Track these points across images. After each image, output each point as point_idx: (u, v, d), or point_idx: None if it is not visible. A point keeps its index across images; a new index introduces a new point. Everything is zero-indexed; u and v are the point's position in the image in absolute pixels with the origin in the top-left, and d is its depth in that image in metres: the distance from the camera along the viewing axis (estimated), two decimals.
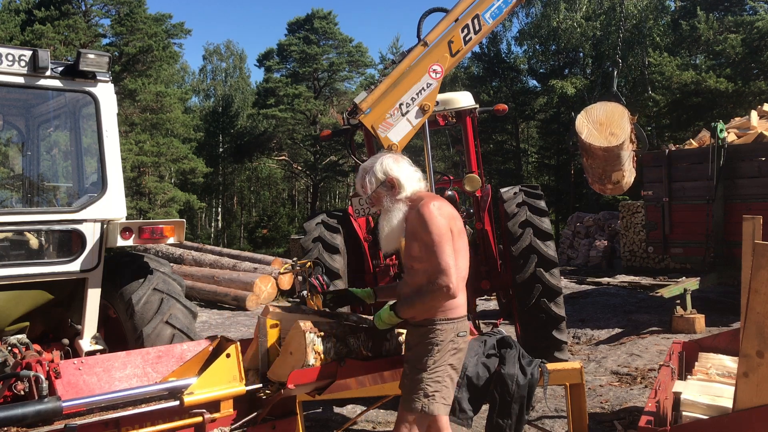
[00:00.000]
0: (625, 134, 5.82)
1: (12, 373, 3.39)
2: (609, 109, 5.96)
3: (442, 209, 3.11)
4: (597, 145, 5.80)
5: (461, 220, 3.25)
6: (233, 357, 3.15)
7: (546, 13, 30.37)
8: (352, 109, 4.66)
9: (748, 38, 23.29)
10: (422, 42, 4.60)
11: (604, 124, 5.87)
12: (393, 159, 3.27)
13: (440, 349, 3.09)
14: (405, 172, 3.23)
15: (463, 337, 3.17)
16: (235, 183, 45.01)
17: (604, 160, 5.96)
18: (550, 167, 35.41)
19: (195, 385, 3.03)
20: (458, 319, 3.16)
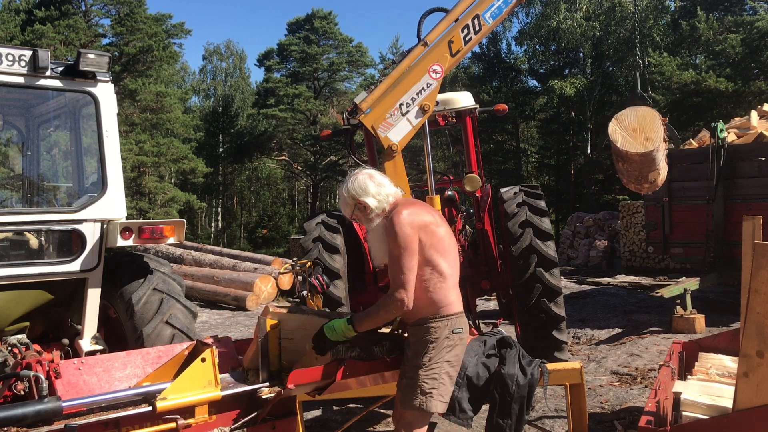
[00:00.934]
0: (659, 137, 5.89)
1: (12, 373, 3.39)
2: (639, 114, 6.01)
3: (412, 217, 3.13)
4: (634, 152, 5.85)
5: (443, 225, 3.27)
6: (208, 361, 3.10)
7: (546, 13, 30.39)
8: (352, 109, 4.66)
9: (748, 38, 23.30)
10: (422, 42, 4.60)
11: (637, 130, 5.92)
12: (357, 181, 3.28)
13: (435, 346, 3.13)
14: (372, 192, 3.24)
15: (458, 334, 3.19)
16: (235, 183, 45.02)
17: (641, 163, 6.03)
18: (550, 167, 35.42)
19: (168, 390, 2.97)
20: (452, 315, 3.19)
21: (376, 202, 3.24)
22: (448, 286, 3.18)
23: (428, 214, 3.24)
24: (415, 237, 3.10)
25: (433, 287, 3.15)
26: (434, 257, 3.14)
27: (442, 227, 3.24)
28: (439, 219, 3.28)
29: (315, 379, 3.23)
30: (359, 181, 3.28)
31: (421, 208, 3.28)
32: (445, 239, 3.21)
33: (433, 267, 3.14)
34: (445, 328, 3.15)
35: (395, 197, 3.30)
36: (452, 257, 3.24)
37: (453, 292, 3.22)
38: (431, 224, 3.18)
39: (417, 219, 3.14)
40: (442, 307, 3.16)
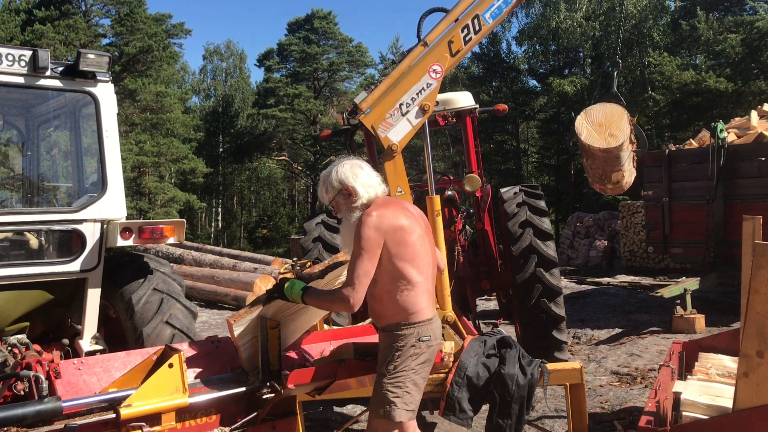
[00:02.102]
0: (624, 135, 5.84)
1: (12, 373, 3.39)
2: (608, 110, 5.97)
3: (382, 220, 3.05)
4: (596, 147, 5.81)
5: (419, 229, 3.18)
6: (176, 367, 3.04)
7: (546, 13, 30.40)
8: (352, 109, 4.66)
9: (748, 38, 23.30)
10: (422, 42, 4.59)
11: (603, 125, 5.89)
12: (349, 167, 3.22)
13: (401, 354, 3.06)
14: (361, 180, 3.19)
15: (426, 341, 3.10)
16: (235, 183, 45.02)
17: (604, 161, 5.98)
18: (550, 167, 35.42)
19: (133, 397, 2.92)
20: (420, 323, 3.10)
21: (364, 191, 3.18)
22: (417, 293, 3.10)
23: (404, 216, 3.14)
24: (379, 241, 3.02)
25: (400, 294, 3.08)
26: (401, 264, 3.06)
27: (415, 233, 3.13)
28: (415, 223, 3.18)
29: (315, 379, 3.23)
30: (351, 167, 3.22)
31: (397, 210, 3.16)
32: (416, 245, 3.11)
33: (401, 274, 3.06)
34: (411, 336, 3.07)
35: (379, 194, 3.24)
36: (424, 263, 3.16)
37: (423, 298, 3.13)
38: (403, 229, 3.09)
39: (386, 222, 3.05)
40: (410, 314, 3.08)
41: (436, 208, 4.71)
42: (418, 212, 3.32)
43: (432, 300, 3.22)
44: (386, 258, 3.05)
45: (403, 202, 3.35)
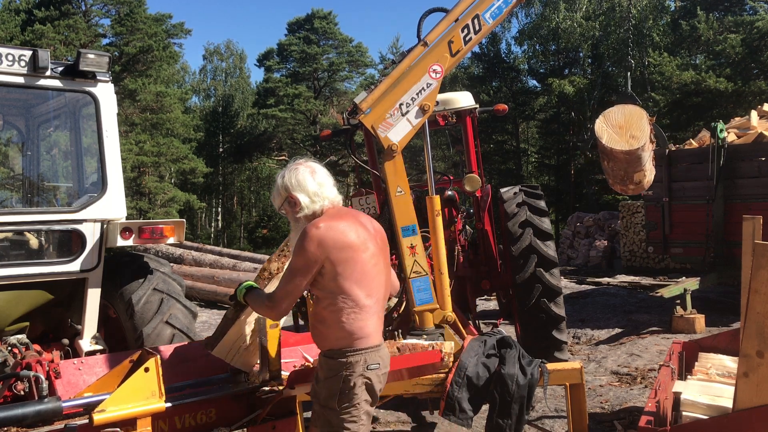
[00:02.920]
0: (645, 136, 5.86)
1: (12, 373, 3.40)
2: (627, 111, 5.99)
3: (327, 233, 2.80)
4: (618, 149, 5.83)
5: (373, 246, 2.93)
6: (152, 371, 2.99)
7: (546, 14, 30.40)
8: (352, 109, 4.66)
9: (748, 38, 23.30)
10: (422, 42, 4.59)
11: (623, 128, 5.89)
12: (296, 173, 2.98)
13: (349, 387, 2.79)
14: (307, 188, 2.95)
15: (374, 370, 2.83)
16: (235, 183, 45.02)
17: (626, 162, 6.00)
18: (550, 167, 35.42)
19: (107, 402, 2.86)
20: (367, 349, 2.83)
21: (309, 201, 2.94)
22: (364, 317, 2.83)
23: (355, 232, 2.87)
24: (319, 257, 2.77)
25: (346, 317, 2.80)
26: (348, 284, 2.80)
27: (367, 251, 2.88)
28: (368, 240, 2.91)
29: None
30: (298, 174, 2.98)
31: (350, 224, 2.89)
32: (366, 264, 2.86)
33: (346, 295, 2.80)
34: (358, 364, 2.79)
35: (333, 203, 2.98)
36: (375, 285, 2.90)
37: (371, 322, 2.86)
38: (352, 246, 2.83)
39: (333, 237, 2.80)
40: (357, 339, 2.81)
41: (436, 208, 4.71)
42: (376, 228, 3.04)
43: (381, 325, 2.95)
44: (330, 276, 2.80)
45: (360, 216, 3.05)
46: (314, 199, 2.95)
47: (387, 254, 3.09)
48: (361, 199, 6.33)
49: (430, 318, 4.55)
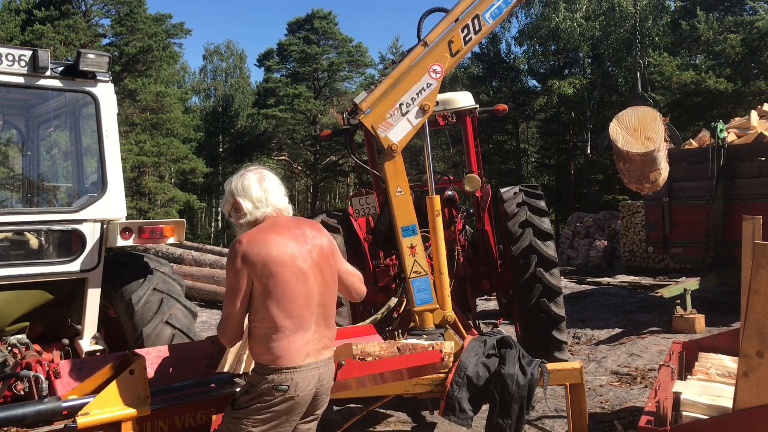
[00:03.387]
0: (660, 137, 5.88)
1: (12, 373, 3.40)
2: (640, 113, 6.00)
3: (251, 248, 2.71)
4: (635, 152, 5.84)
5: (306, 259, 2.79)
6: (137, 374, 2.95)
7: (545, 14, 30.40)
8: (352, 109, 4.66)
9: (748, 38, 23.30)
10: (422, 42, 4.60)
11: (638, 130, 5.90)
12: (243, 179, 2.90)
13: (251, 397, 2.72)
14: (251, 194, 2.86)
15: (282, 391, 2.67)
16: None
17: (642, 163, 6.02)
18: (550, 167, 35.43)
19: (91, 405, 2.83)
20: (279, 370, 2.68)
21: (252, 207, 2.86)
22: (281, 337, 2.69)
23: (277, 248, 2.73)
24: (243, 272, 2.70)
25: (265, 334, 2.71)
26: (268, 302, 2.71)
27: (292, 267, 2.73)
28: (296, 256, 2.76)
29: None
30: (245, 180, 2.89)
31: (279, 237, 2.77)
32: (289, 282, 2.71)
33: (266, 312, 2.71)
34: (265, 383, 2.69)
35: (278, 210, 2.89)
36: (298, 305, 2.74)
37: (287, 342, 2.70)
38: (274, 262, 2.70)
39: (254, 252, 2.70)
40: (271, 357, 2.70)
41: (436, 208, 4.71)
42: (316, 243, 2.87)
43: (309, 347, 2.76)
44: (258, 292, 2.72)
45: (297, 228, 2.88)
46: (257, 205, 2.86)
47: (328, 267, 2.89)
48: (361, 199, 6.33)
49: (430, 318, 4.55)
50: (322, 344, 2.83)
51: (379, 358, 3.51)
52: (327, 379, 2.86)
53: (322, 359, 2.82)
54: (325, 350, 2.85)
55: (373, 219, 6.50)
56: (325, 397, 2.90)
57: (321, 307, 2.84)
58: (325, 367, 2.83)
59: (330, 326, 2.90)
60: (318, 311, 2.82)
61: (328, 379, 2.88)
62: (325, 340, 2.86)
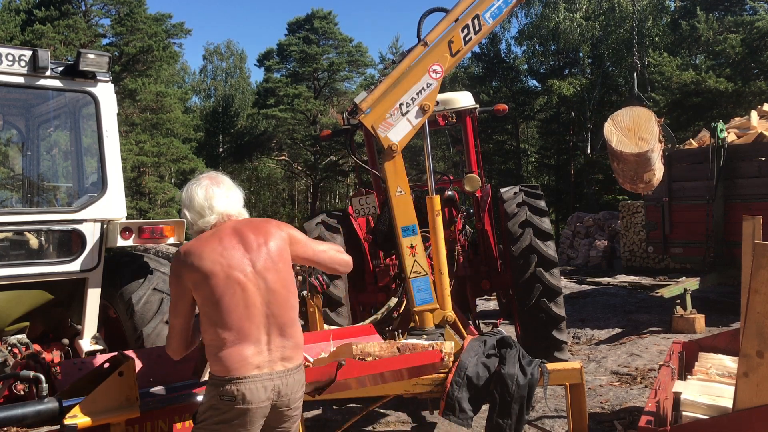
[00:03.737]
0: (654, 138, 5.88)
1: (12, 373, 3.40)
2: (635, 114, 6.00)
3: (187, 257, 2.66)
4: (629, 152, 5.85)
5: (243, 268, 2.68)
6: (127, 375, 2.92)
7: (545, 14, 30.41)
8: (352, 109, 4.66)
9: (748, 38, 23.30)
10: (422, 42, 4.60)
11: (632, 130, 5.91)
12: (187, 190, 2.84)
13: (205, 408, 2.69)
14: (194, 204, 2.79)
15: (228, 401, 2.59)
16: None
17: (636, 164, 6.02)
18: (550, 167, 35.43)
19: (79, 407, 2.79)
20: (224, 379, 2.61)
21: (197, 217, 2.80)
22: (223, 346, 2.62)
23: (211, 258, 2.65)
24: (180, 285, 2.68)
25: (211, 344, 2.66)
26: (206, 311, 2.66)
27: (227, 278, 2.64)
28: (236, 265, 2.66)
29: (315, 379, 3.23)
30: (189, 190, 2.83)
31: (216, 246, 2.68)
32: (225, 295, 2.62)
33: (207, 322, 2.67)
34: (213, 393, 2.65)
35: (224, 218, 2.80)
36: (236, 316, 2.63)
37: (229, 353, 2.62)
38: (209, 273, 2.63)
39: (189, 262, 2.65)
40: (217, 368, 2.65)
41: (436, 208, 4.71)
42: (260, 249, 2.74)
43: (260, 357, 2.65)
44: (199, 303, 2.69)
45: (242, 233, 2.76)
46: (201, 213, 2.79)
47: (275, 274, 2.74)
48: (361, 199, 6.33)
49: (430, 318, 4.55)
50: (278, 355, 2.69)
51: (379, 358, 3.51)
52: (286, 391, 2.70)
53: (278, 370, 2.68)
54: (284, 361, 2.70)
55: (373, 219, 6.50)
56: (289, 410, 2.74)
57: (270, 317, 2.70)
58: (282, 379, 2.68)
59: (288, 336, 2.73)
60: (266, 321, 2.69)
61: (288, 391, 2.71)
62: (284, 350, 2.71)
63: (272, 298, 2.72)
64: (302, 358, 2.83)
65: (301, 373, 2.81)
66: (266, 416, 2.68)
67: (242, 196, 2.97)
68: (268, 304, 2.70)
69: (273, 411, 2.69)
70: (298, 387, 2.77)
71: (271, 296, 2.71)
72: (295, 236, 2.90)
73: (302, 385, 2.81)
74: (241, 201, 2.93)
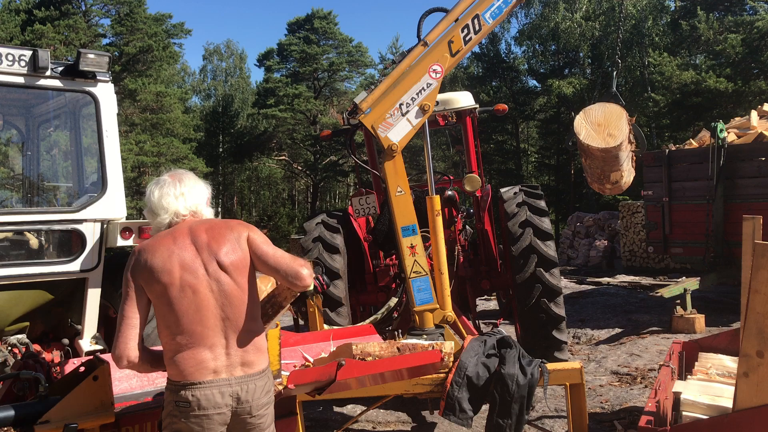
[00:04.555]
0: (623, 135, 5.84)
1: (12, 373, 3.39)
2: (608, 110, 5.97)
3: (140, 256, 2.58)
4: (595, 146, 5.82)
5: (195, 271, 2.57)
6: (102, 380, 2.85)
7: (545, 14, 30.41)
8: (352, 109, 4.67)
9: (748, 38, 23.29)
10: (422, 42, 4.60)
11: (602, 125, 5.88)
12: (148, 190, 2.77)
13: (165, 415, 2.60)
14: (150, 204, 2.73)
15: (183, 408, 2.51)
16: (235, 183, 45.03)
17: (603, 160, 5.98)
18: (550, 167, 35.44)
19: (51, 413, 2.71)
20: (178, 385, 2.53)
21: (152, 217, 2.73)
22: (176, 350, 2.55)
23: (162, 259, 2.55)
24: (133, 281, 2.57)
25: (166, 348, 2.58)
26: (159, 313, 2.58)
27: (177, 280, 2.54)
28: (187, 268, 2.56)
29: (315, 379, 3.23)
30: (148, 190, 2.76)
31: (170, 246, 2.59)
32: (175, 298, 2.53)
33: (161, 325, 2.59)
34: (168, 398, 2.58)
35: (179, 217, 2.71)
36: (188, 320, 2.54)
37: (183, 358, 2.53)
38: (160, 274, 2.54)
39: (142, 261, 2.56)
40: (175, 373, 2.55)
41: (436, 208, 4.71)
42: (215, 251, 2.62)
43: (216, 362, 2.56)
44: (153, 302, 2.59)
45: (197, 234, 2.66)
46: (156, 212, 2.71)
47: (231, 277, 2.61)
48: (361, 199, 6.34)
49: (430, 318, 4.56)
50: (237, 359, 2.59)
51: (379, 358, 3.51)
52: (247, 398, 2.58)
53: (238, 375, 2.57)
54: (245, 366, 2.60)
55: (373, 219, 6.50)
56: (252, 418, 2.62)
57: (226, 320, 2.59)
58: (242, 384, 2.57)
59: (247, 340, 2.61)
60: (223, 325, 2.58)
61: (249, 397, 2.59)
62: (244, 354, 2.60)
63: (227, 301, 2.60)
64: (266, 364, 2.70)
65: (266, 379, 2.68)
66: (227, 424, 2.57)
67: (205, 194, 2.83)
68: (223, 307, 2.59)
69: (235, 419, 2.58)
70: (261, 393, 2.64)
71: (226, 299, 2.60)
72: (253, 237, 2.72)
73: (267, 392, 2.68)
74: (201, 199, 2.80)
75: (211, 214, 2.84)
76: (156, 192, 2.72)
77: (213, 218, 2.84)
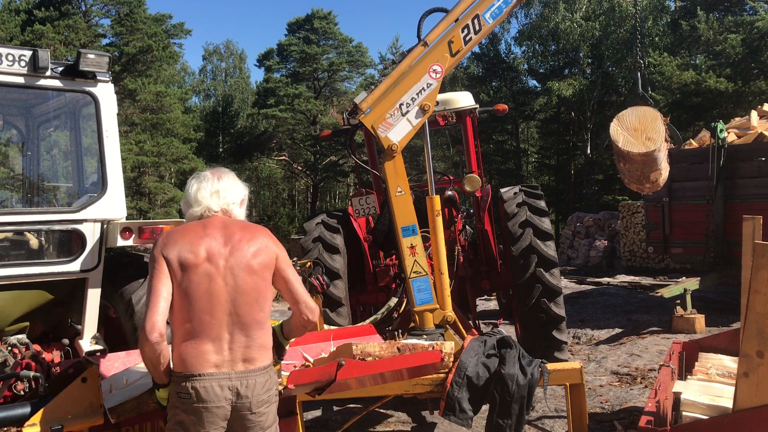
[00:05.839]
0: (661, 137, 5.89)
1: (12, 373, 3.40)
2: (641, 113, 6.00)
3: (169, 237, 2.68)
4: (636, 152, 5.85)
5: (218, 263, 2.65)
6: (90, 382, 2.83)
7: (545, 14, 30.40)
8: (352, 109, 4.67)
9: (748, 38, 23.29)
10: (422, 42, 4.60)
11: (639, 130, 5.91)
12: (189, 181, 2.90)
13: (170, 407, 2.64)
14: (188, 197, 2.85)
15: (184, 399, 2.55)
16: None
17: (643, 163, 6.03)
18: (550, 167, 35.43)
19: (39, 415, 2.70)
20: (180, 376, 2.58)
21: (187, 208, 2.84)
22: (183, 340, 2.60)
23: (191, 244, 2.65)
24: (159, 260, 2.62)
25: (175, 336, 2.63)
26: (176, 300, 2.62)
27: (200, 266, 2.62)
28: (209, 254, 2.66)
29: (315, 379, 3.23)
30: (191, 181, 2.89)
31: (199, 233, 2.70)
32: (193, 282, 2.60)
33: (174, 312, 2.63)
34: (174, 389, 2.61)
35: (210, 212, 2.80)
36: (199, 307, 2.59)
37: (187, 348, 2.59)
38: (186, 256, 2.63)
39: (171, 242, 2.66)
40: (179, 364, 2.60)
41: (436, 208, 4.71)
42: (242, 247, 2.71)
43: (219, 356, 2.60)
44: (174, 287, 2.63)
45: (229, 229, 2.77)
46: (191, 204, 2.83)
47: (248, 276, 2.68)
48: (361, 199, 6.34)
49: (430, 318, 4.55)
50: (239, 355, 2.62)
51: (379, 358, 3.51)
52: (247, 393, 2.60)
53: (239, 370, 2.60)
54: (246, 362, 2.62)
55: (373, 219, 6.50)
56: (252, 415, 2.63)
57: (234, 315, 2.63)
58: (242, 380, 2.60)
59: (251, 337, 2.64)
60: (229, 319, 2.62)
61: (249, 393, 2.61)
62: (247, 350, 2.63)
63: (239, 297, 2.65)
64: (269, 361, 2.72)
65: (268, 376, 2.69)
66: (227, 419, 2.59)
67: (240, 195, 2.94)
68: (234, 302, 2.64)
69: (235, 414, 2.60)
70: (262, 390, 2.65)
71: (238, 295, 2.65)
72: (282, 257, 2.84)
73: (267, 389, 2.68)
74: (236, 199, 2.90)
75: (242, 215, 2.94)
76: (194, 185, 2.84)
77: (246, 221, 2.96)
